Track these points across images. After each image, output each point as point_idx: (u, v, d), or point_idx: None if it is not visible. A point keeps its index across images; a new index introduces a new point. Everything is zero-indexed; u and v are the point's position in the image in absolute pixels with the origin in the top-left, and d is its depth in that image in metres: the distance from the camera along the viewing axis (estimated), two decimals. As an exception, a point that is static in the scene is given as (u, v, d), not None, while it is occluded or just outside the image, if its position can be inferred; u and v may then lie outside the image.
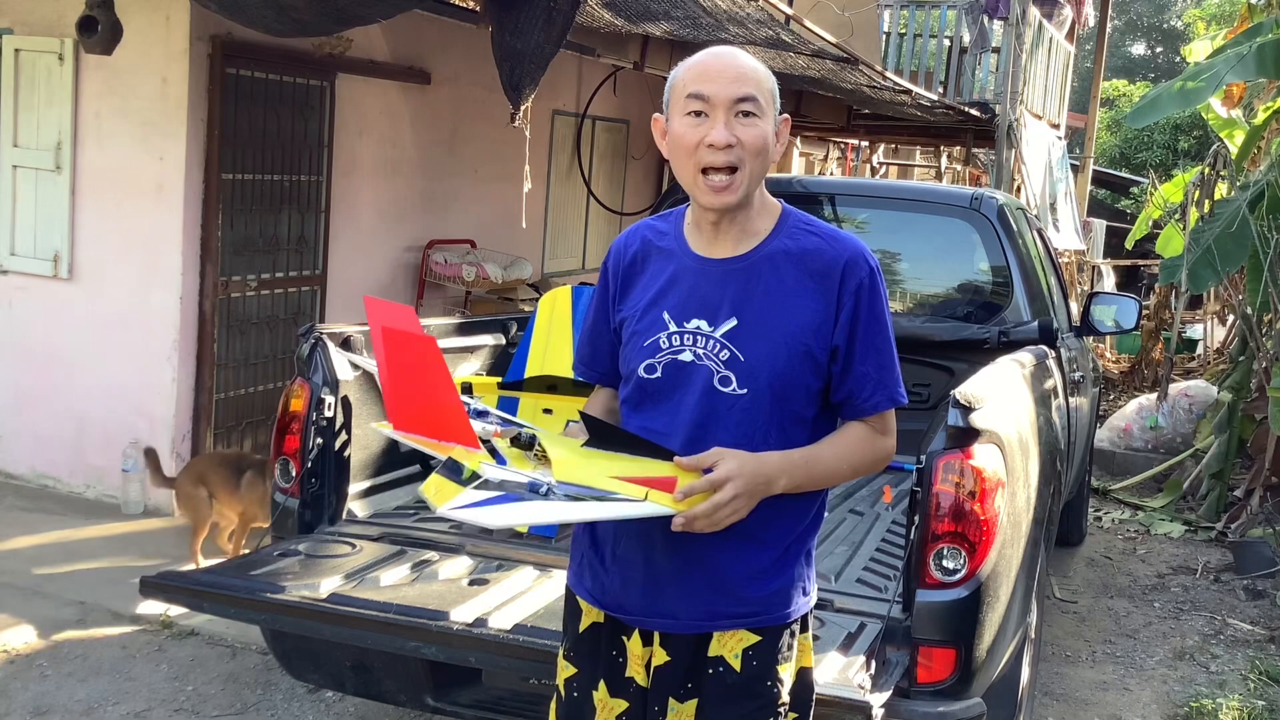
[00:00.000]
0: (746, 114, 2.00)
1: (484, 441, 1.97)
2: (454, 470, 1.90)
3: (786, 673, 2.09)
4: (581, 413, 2.07)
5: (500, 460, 1.95)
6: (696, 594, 2.04)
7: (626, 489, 1.90)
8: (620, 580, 2.09)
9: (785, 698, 2.09)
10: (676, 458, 1.95)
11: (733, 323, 2.04)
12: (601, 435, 1.98)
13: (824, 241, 2.08)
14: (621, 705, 2.12)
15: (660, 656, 2.08)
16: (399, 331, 1.98)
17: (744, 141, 2.00)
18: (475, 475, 1.88)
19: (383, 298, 7.16)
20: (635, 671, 2.11)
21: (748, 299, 2.05)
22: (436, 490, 1.89)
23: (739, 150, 2.00)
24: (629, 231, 2.24)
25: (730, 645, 2.06)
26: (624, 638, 2.12)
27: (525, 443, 1.97)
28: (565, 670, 2.20)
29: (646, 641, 2.10)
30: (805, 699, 2.16)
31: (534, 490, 1.87)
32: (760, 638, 2.06)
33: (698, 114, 2.01)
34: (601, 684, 2.13)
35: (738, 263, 2.07)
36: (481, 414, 2.14)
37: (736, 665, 2.05)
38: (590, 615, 2.16)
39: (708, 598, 2.05)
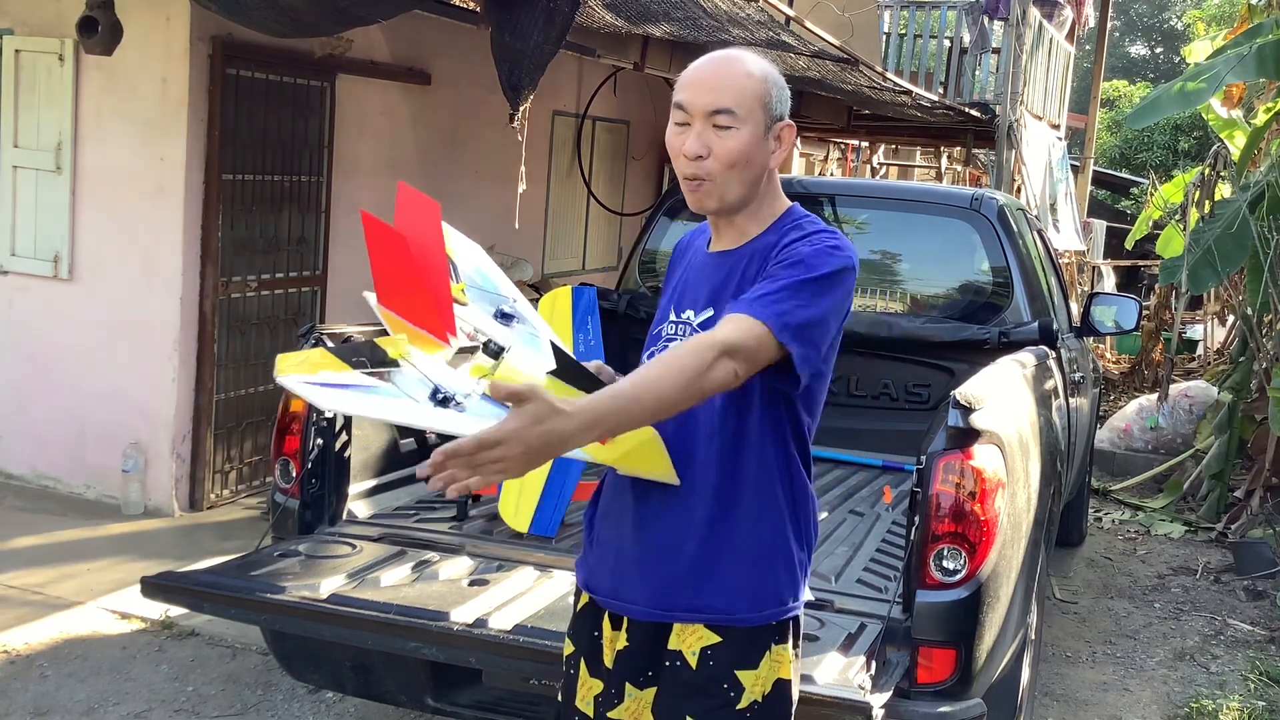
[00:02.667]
0: (723, 126, 2.00)
1: (462, 339, 1.97)
2: (356, 354, 1.80)
3: (752, 680, 2.03)
4: (551, 342, 2.03)
5: (460, 360, 1.94)
6: (657, 582, 2.06)
7: None
8: (597, 562, 2.16)
9: (743, 703, 2.02)
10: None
11: (709, 313, 2.08)
12: (566, 370, 1.90)
13: (801, 233, 2.04)
14: (598, 686, 2.15)
15: (621, 641, 2.11)
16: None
17: (716, 153, 2.00)
18: (390, 361, 1.81)
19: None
20: (606, 654, 2.14)
21: (724, 290, 2.07)
22: (301, 363, 1.73)
23: (711, 162, 2.01)
24: (690, 232, 2.30)
25: (689, 641, 2.04)
26: (604, 620, 2.16)
27: (493, 353, 1.96)
28: (567, 648, 2.26)
29: (615, 625, 2.13)
30: (781, 713, 2.07)
31: (433, 398, 1.79)
32: (720, 639, 2.03)
33: (682, 123, 2.04)
34: (582, 663, 2.18)
35: (725, 256, 2.12)
36: (508, 316, 2.15)
37: (693, 663, 2.04)
38: (584, 596, 2.21)
39: (666, 588, 2.05)
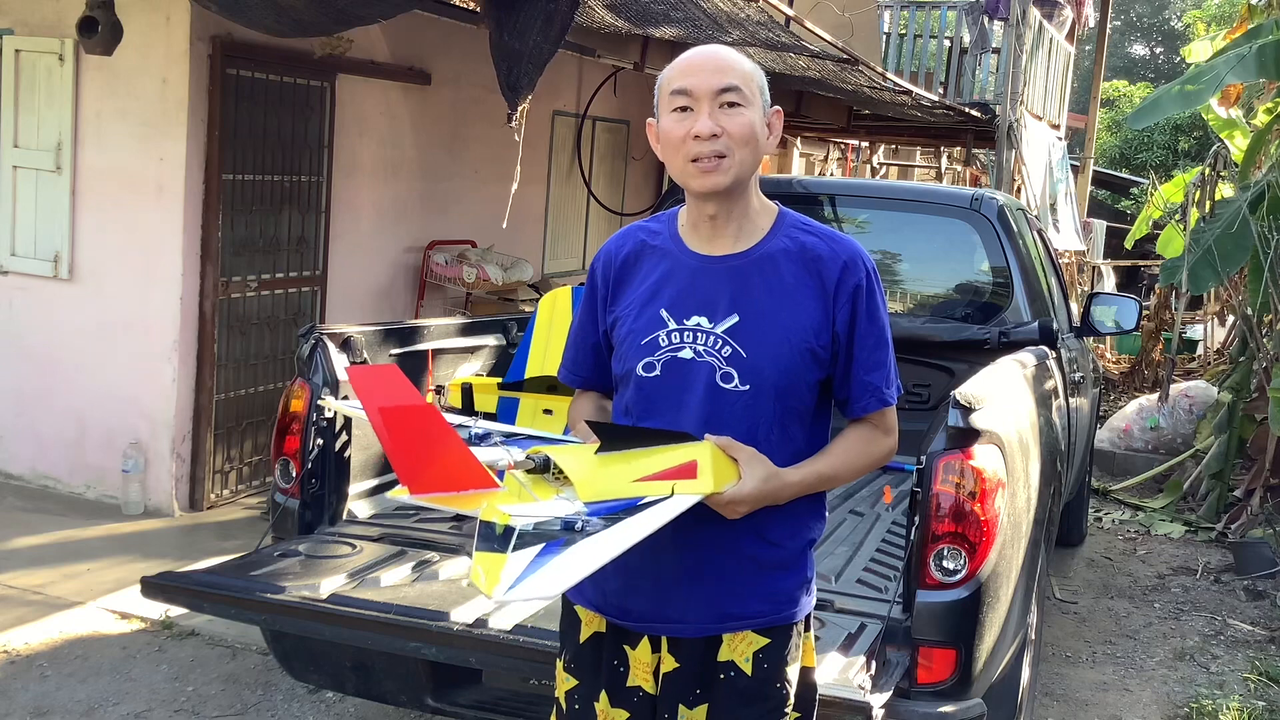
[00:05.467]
0: (731, 104, 2.01)
1: (500, 476, 1.94)
2: (488, 538, 1.82)
3: (794, 673, 2.09)
4: (587, 421, 2.04)
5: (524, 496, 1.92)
6: (706, 596, 2.03)
7: (652, 489, 1.88)
8: (625, 586, 2.06)
9: (790, 699, 2.08)
10: (709, 436, 1.95)
11: (734, 319, 2.03)
12: (611, 438, 1.96)
13: (822, 241, 2.08)
14: (623, 716, 2.09)
15: (669, 663, 2.06)
16: (395, 407, 1.94)
17: (729, 130, 2.00)
18: (509, 530, 1.82)
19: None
20: (641, 680, 2.08)
21: (748, 296, 2.04)
22: (485, 573, 1.77)
23: (725, 140, 2.00)
24: (621, 233, 2.23)
25: (740, 649, 2.05)
26: (626, 646, 2.09)
27: (541, 467, 1.95)
28: (566, 683, 2.17)
29: (655, 648, 2.07)
30: (808, 698, 2.15)
31: (568, 528, 1.83)
32: (769, 640, 2.06)
33: (683, 109, 2.02)
34: (603, 695, 2.11)
35: (737, 259, 2.07)
36: (483, 437, 2.10)
37: (748, 669, 2.04)
38: (591, 625, 2.13)
39: (718, 600, 2.03)
